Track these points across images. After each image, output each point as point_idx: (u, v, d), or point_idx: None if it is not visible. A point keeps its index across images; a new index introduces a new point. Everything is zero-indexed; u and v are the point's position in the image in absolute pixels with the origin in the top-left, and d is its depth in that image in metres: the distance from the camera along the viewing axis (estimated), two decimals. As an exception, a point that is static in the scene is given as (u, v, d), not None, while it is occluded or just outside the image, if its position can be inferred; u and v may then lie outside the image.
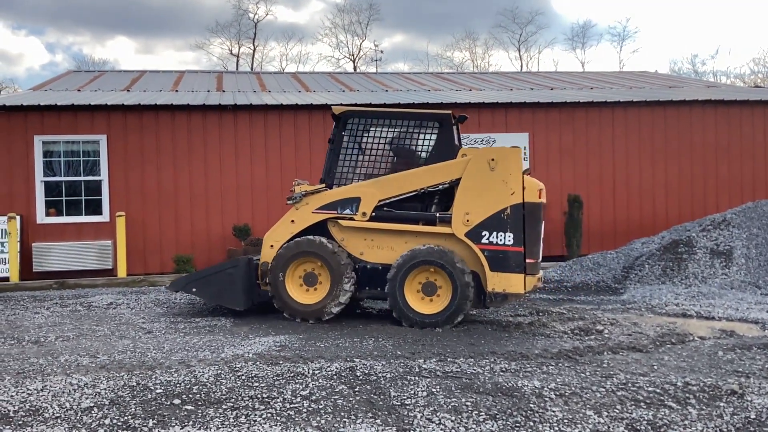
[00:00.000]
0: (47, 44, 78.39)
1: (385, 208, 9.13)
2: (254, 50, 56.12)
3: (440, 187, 8.97)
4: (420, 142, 9.36)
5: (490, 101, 15.87)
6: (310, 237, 9.17)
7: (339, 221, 9.20)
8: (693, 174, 16.28)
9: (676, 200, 16.23)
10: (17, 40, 76.81)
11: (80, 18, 71.89)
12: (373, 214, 9.09)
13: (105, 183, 14.30)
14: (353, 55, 56.94)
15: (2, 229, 13.55)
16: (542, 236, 8.92)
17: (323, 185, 9.48)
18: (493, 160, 8.62)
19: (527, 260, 8.53)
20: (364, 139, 9.51)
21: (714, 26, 75.40)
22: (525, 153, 15.59)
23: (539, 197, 8.68)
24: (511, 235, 8.49)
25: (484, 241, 8.59)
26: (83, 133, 14.31)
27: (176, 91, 18.19)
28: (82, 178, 14.28)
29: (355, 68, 54.13)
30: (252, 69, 51.22)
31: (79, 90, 17.91)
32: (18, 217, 13.59)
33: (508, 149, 8.91)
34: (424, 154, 9.27)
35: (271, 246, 9.37)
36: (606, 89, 19.85)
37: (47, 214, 14.11)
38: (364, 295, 9.26)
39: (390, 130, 9.47)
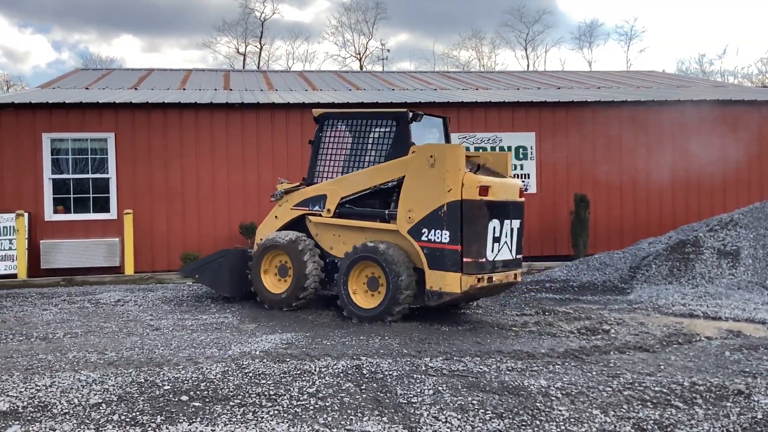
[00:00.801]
0: (53, 42, 78.77)
1: (347, 205, 9.49)
2: (261, 49, 56.24)
3: (390, 184, 9.10)
4: (381, 140, 9.51)
5: (496, 100, 15.86)
6: (277, 232, 9.90)
7: (311, 217, 9.80)
8: (700, 174, 16.22)
9: (683, 200, 16.20)
10: (24, 38, 77.20)
11: (86, 16, 72.26)
12: (337, 210, 9.53)
13: (113, 180, 14.36)
14: (359, 53, 56.99)
15: (10, 226, 13.62)
16: (494, 236, 8.58)
17: (301, 183, 10.17)
18: (431, 156, 8.56)
19: (465, 259, 8.35)
20: (336, 139, 9.95)
21: (722, 26, 75.17)
22: (532, 152, 15.57)
23: (480, 194, 8.40)
24: (448, 233, 8.39)
25: (423, 238, 8.59)
26: (91, 131, 14.37)
27: (184, 89, 18.23)
28: (90, 175, 14.33)
29: (361, 67, 54.14)
30: (259, 68, 51.29)
31: (87, 88, 17.96)
32: (26, 215, 13.65)
33: (448, 146, 9.00)
34: (384, 152, 9.40)
35: (260, 239, 10.17)
36: (613, 89, 19.80)
37: (55, 212, 14.17)
38: (334, 290, 9.47)
39: (357, 129, 9.75)
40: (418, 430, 4.78)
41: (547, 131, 15.78)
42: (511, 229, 8.90)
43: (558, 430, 4.80)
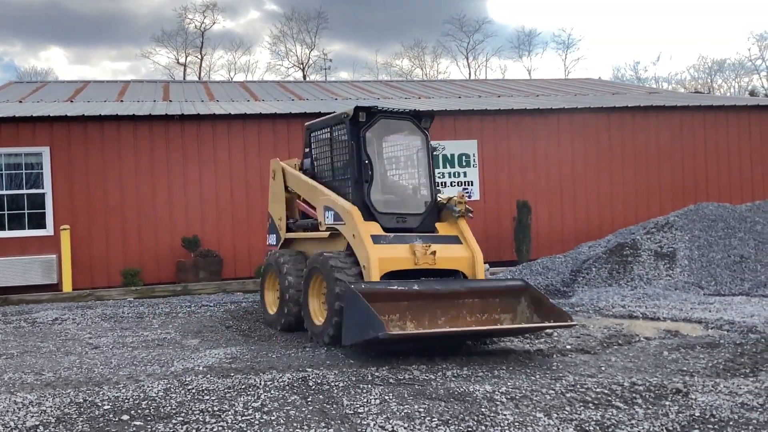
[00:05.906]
0: (-22, 56, 76.22)
1: None
2: (201, 59, 55.65)
3: None
4: None
5: (438, 109, 15.99)
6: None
7: None
8: (637, 178, 16.67)
9: (621, 204, 16.59)
10: (-53, 52, 74.47)
11: (11, 28, 70.06)
12: None
13: (48, 196, 13.96)
14: (302, 63, 56.82)
15: (-60, 245, 13.11)
16: None
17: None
18: None
19: None
20: None
21: (656, 33, 77.45)
22: (474, 160, 15.74)
23: None
24: None
25: None
26: (25, 146, 13.95)
27: (121, 101, 17.89)
28: (24, 191, 13.91)
29: (305, 77, 53.98)
30: (200, 78, 50.68)
31: (21, 101, 17.48)
32: (-43, 233, 13.18)
33: None
34: None
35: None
36: (552, 96, 20.20)
37: (-12, 229, 13.71)
38: None
39: None
40: (365, 440, 4.77)
41: (489, 139, 15.98)
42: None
43: (503, 434, 4.84)
